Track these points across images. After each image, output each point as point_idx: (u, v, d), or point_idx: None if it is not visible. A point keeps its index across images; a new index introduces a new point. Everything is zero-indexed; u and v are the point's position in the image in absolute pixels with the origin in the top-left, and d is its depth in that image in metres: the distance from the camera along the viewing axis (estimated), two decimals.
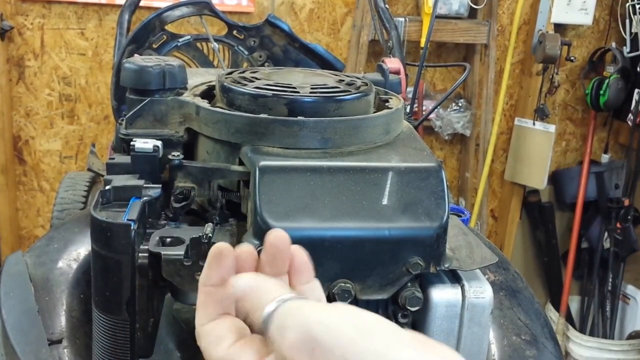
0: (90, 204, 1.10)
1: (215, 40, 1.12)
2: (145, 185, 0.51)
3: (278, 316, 0.34)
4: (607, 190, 2.20)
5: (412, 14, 2.04)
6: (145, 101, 0.58)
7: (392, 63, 0.76)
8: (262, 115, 0.53)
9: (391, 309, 0.52)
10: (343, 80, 0.62)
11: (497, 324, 0.62)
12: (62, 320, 0.60)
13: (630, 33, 2.05)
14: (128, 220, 0.46)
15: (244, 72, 0.63)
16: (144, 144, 0.53)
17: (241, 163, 0.53)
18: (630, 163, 2.16)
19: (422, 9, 1.95)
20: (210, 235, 0.48)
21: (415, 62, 1.33)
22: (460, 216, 0.63)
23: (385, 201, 0.50)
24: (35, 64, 1.94)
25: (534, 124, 2.11)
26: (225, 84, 0.58)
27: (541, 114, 2.09)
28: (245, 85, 0.57)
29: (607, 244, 2.19)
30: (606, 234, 2.18)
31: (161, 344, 0.60)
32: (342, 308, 0.34)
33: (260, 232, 0.48)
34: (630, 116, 2.03)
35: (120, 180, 0.51)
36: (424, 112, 1.96)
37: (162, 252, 0.47)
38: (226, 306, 0.37)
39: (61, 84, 1.97)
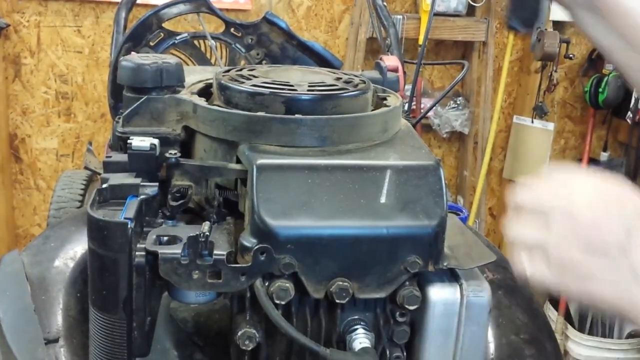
0: (87, 202, 1.09)
1: (213, 37, 1.11)
2: (142, 184, 0.51)
3: None
4: None
5: (410, 11, 2.03)
6: (142, 99, 0.58)
7: (390, 61, 0.75)
8: (259, 113, 0.53)
9: (389, 308, 0.51)
10: (341, 78, 0.61)
11: (496, 323, 0.62)
12: (58, 320, 0.60)
13: None
14: (125, 218, 0.46)
15: (241, 69, 0.63)
16: (141, 142, 0.53)
17: (238, 161, 0.53)
18: (629, 161, 2.16)
19: (420, 7, 1.94)
20: (208, 233, 0.47)
21: (414, 59, 1.33)
22: (459, 214, 0.63)
23: (383, 199, 0.49)
24: (32, 61, 1.93)
25: (532, 121, 2.11)
26: (222, 81, 0.58)
27: (540, 112, 2.09)
28: (243, 83, 0.57)
29: None
30: None
31: (158, 343, 0.60)
32: None
33: (258, 231, 0.47)
34: (629, 114, 2.03)
35: (117, 179, 0.51)
36: (422, 110, 1.96)
37: (159, 251, 0.46)
38: None
39: (58, 82, 1.96)
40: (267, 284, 0.48)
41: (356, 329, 0.50)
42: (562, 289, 0.45)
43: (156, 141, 0.53)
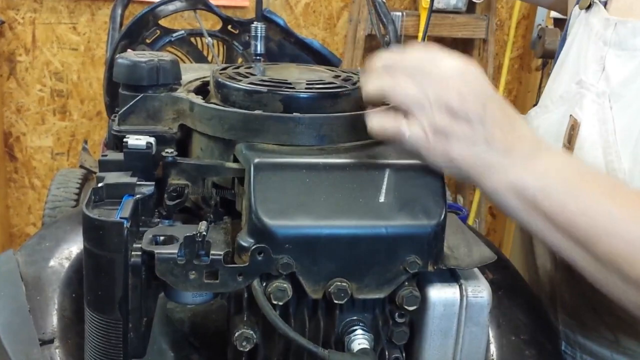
0: (82, 201, 1.09)
1: (210, 35, 1.11)
2: (138, 183, 0.50)
3: None
4: None
5: (409, 8, 2.03)
6: (138, 97, 0.57)
7: None
8: (256, 112, 0.53)
9: (388, 309, 0.51)
10: (339, 76, 0.61)
11: (496, 324, 0.61)
12: (53, 320, 0.59)
13: None
14: (121, 218, 0.45)
15: (238, 67, 0.62)
16: (136, 141, 0.52)
17: (236, 160, 0.53)
18: None
19: (419, 3, 1.94)
20: (205, 233, 0.47)
21: None
22: (458, 214, 0.63)
23: (382, 199, 0.49)
24: (27, 59, 1.92)
25: None
26: (219, 79, 0.57)
27: None
28: (240, 81, 0.56)
29: None
30: None
31: (154, 344, 0.59)
32: None
33: (256, 231, 0.47)
34: None
35: (112, 178, 0.50)
36: None
37: (156, 251, 0.46)
38: None
39: (53, 80, 1.95)
40: (264, 284, 0.48)
41: (355, 329, 0.50)
42: (429, 151, 0.49)
43: (152, 140, 0.53)
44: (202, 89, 0.62)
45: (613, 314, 0.65)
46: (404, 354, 0.52)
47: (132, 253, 0.46)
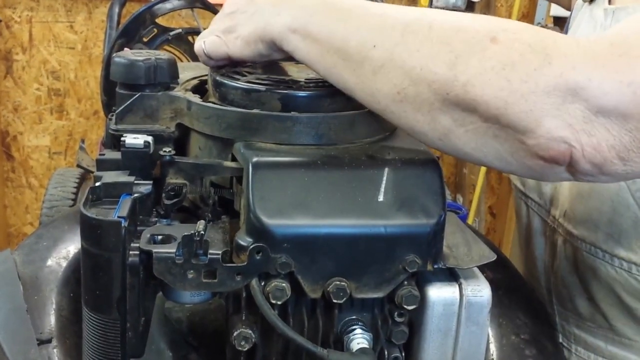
0: (79, 200, 1.08)
1: None
2: (136, 182, 0.50)
3: None
4: None
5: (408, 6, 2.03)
6: (136, 96, 0.57)
7: None
8: (254, 111, 0.52)
9: (387, 308, 0.51)
10: None
11: (496, 323, 0.61)
12: (51, 320, 0.59)
13: None
14: (118, 217, 0.45)
15: (236, 65, 0.62)
16: (134, 140, 0.52)
17: (234, 159, 0.53)
18: None
19: (418, 2, 1.94)
20: (203, 232, 0.47)
21: None
22: (458, 213, 0.63)
23: (381, 198, 0.49)
24: (24, 57, 1.92)
25: None
26: (217, 78, 0.57)
27: None
28: (238, 79, 0.56)
29: None
30: None
31: (152, 344, 0.59)
32: None
33: (254, 230, 0.47)
34: None
35: (110, 177, 0.50)
36: None
37: (154, 250, 0.46)
38: None
39: (50, 79, 1.94)
40: (263, 283, 0.47)
41: (354, 329, 0.50)
42: (230, 47, 0.57)
43: (150, 139, 0.53)
44: (199, 88, 0.61)
45: (609, 302, 0.66)
46: (403, 354, 0.52)
47: (130, 252, 0.46)
